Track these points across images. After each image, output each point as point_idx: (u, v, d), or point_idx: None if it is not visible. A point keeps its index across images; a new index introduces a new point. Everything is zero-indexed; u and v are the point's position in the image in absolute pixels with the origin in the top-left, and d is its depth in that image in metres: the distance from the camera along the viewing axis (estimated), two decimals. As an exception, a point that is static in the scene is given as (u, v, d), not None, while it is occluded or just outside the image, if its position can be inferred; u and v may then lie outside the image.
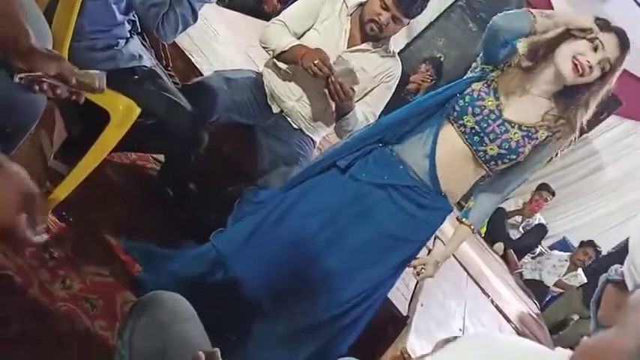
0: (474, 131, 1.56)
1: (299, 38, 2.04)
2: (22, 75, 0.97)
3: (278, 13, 2.19)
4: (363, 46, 2.10)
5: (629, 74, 5.09)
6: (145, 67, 1.66)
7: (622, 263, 0.94)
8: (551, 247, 5.89)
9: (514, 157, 1.57)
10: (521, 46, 1.56)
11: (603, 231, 5.76)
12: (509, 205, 5.52)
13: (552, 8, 4.98)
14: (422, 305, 2.10)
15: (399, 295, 2.06)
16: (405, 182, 1.60)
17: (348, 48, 2.10)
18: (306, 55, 1.88)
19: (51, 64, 1.01)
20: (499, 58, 1.57)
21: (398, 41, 5.01)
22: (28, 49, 0.99)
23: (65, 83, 1.05)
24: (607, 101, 1.79)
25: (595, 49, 1.47)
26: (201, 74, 2.15)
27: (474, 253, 3.96)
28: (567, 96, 1.54)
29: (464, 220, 1.69)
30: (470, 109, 1.57)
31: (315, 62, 1.83)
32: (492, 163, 1.58)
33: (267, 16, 3.31)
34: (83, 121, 1.33)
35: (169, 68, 2.05)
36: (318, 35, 2.07)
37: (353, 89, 1.92)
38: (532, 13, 1.48)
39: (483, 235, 5.34)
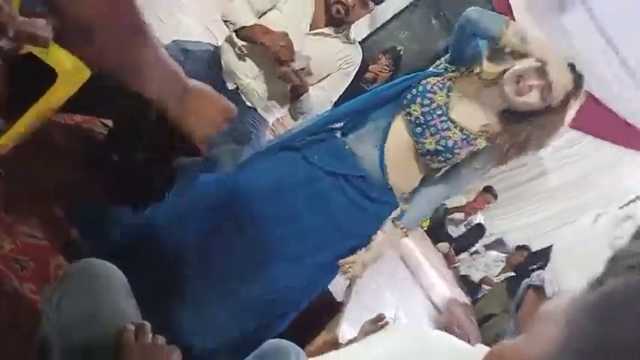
0: (417, 122, 1.59)
1: (261, 16, 2.02)
2: None
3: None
4: (326, 30, 2.09)
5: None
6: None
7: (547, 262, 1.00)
8: (489, 247, 6.07)
9: (449, 156, 1.59)
10: (486, 57, 1.59)
11: (539, 235, 5.97)
12: (452, 202, 5.65)
13: (512, 12, 5.06)
14: (357, 293, 2.13)
15: (335, 281, 2.09)
16: (357, 172, 1.60)
17: (310, 31, 2.10)
18: (272, 36, 1.87)
19: None
20: (464, 55, 1.60)
21: (360, 30, 5.02)
22: None
23: (4, 31, 1.01)
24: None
25: (539, 73, 1.50)
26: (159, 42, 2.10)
27: (414, 244, 4.04)
28: (511, 118, 1.58)
29: (397, 222, 1.69)
30: (419, 99, 1.59)
31: (282, 44, 1.83)
32: (428, 157, 1.61)
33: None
34: (27, 80, 1.28)
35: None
36: (281, 15, 2.06)
37: (303, 70, 1.92)
38: (507, 22, 1.50)
39: (426, 229, 5.47)
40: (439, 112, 1.58)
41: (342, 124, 1.65)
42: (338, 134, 1.64)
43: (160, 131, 1.97)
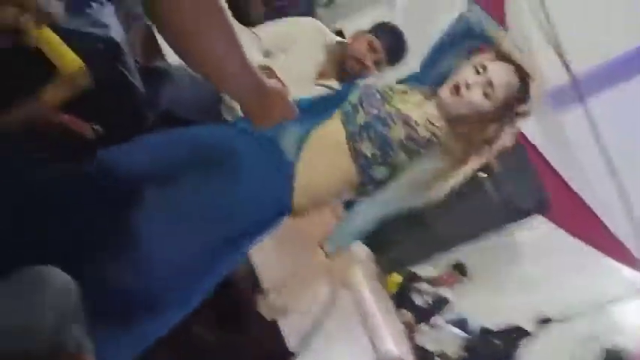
0: (351, 105, 1.48)
1: (267, 57, 2.04)
2: None
3: (262, 19, 2.20)
4: (332, 83, 2.12)
5: (563, 181, 5.37)
6: (111, 38, 1.62)
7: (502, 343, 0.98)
8: (449, 323, 6.03)
9: (380, 128, 1.42)
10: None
11: (504, 321, 5.93)
12: (421, 271, 5.62)
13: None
14: (310, 346, 2.09)
15: (292, 328, 2.05)
16: (269, 133, 1.40)
17: (316, 80, 2.13)
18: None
19: None
20: (435, 70, 1.54)
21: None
22: None
23: (24, 9, 1.04)
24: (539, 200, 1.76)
25: (477, 72, 1.45)
26: (163, 57, 2.10)
27: (377, 306, 3.99)
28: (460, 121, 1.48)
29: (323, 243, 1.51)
30: (361, 88, 1.52)
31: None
32: (358, 138, 1.43)
33: (251, 22, 3.32)
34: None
35: (132, 39, 2.00)
36: (290, 59, 2.09)
37: None
38: (502, 29, 1.48)
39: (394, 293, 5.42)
40: (374, 90, 1.49)
41: None
42: None
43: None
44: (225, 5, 0.88)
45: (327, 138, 1.47)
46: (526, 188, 5.06)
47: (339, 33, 2.81)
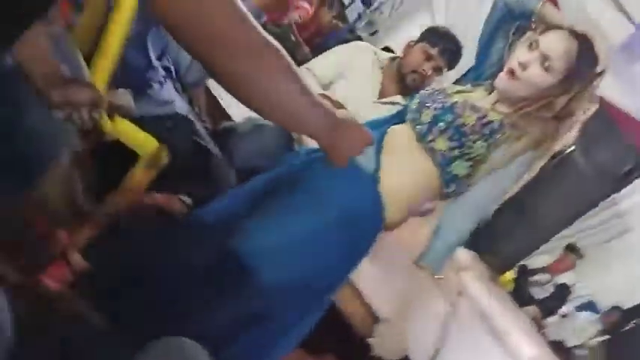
0: (414, 110, 1.44)
1: (325, 88, 2.05)
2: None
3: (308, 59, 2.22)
4: (395, 98, 2.11)
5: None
6: (177, 113, 1.67)
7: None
8: (579, 309, 5.71)
9: (450, 117, 1.35)
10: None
11: (630, 294, 5.56)
12: (533, 263, 5.38)
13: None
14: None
15: (419, 353, 1.97)
16: None
17: (379, 99, 2.12)
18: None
19: (84, 91, 1.04)
20: (489, 60, 1.49)
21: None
22: (60, 80, 1.03)
23: (99, 107, 1.09)
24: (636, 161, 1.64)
25: (530, 48, 1.36)
26: (230, 117, 2.14)
27: (500, 311, 3.83)
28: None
29: (420, 264, 1.44)
30: (423, 89, 1.50)
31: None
32: (430, 135, 1.36)
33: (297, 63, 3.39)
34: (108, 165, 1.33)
35: (197, 109, 2.06)
36: (347, 84, 2.09)
37: None
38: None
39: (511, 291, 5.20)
40: (441, 96, 1.43)
41: None
42: None
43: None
44: (279, 46, 0.86)
45: (401, 145, 1.41)
46: (618, 152, 4.73)
47: (387, 49, 2.80)
